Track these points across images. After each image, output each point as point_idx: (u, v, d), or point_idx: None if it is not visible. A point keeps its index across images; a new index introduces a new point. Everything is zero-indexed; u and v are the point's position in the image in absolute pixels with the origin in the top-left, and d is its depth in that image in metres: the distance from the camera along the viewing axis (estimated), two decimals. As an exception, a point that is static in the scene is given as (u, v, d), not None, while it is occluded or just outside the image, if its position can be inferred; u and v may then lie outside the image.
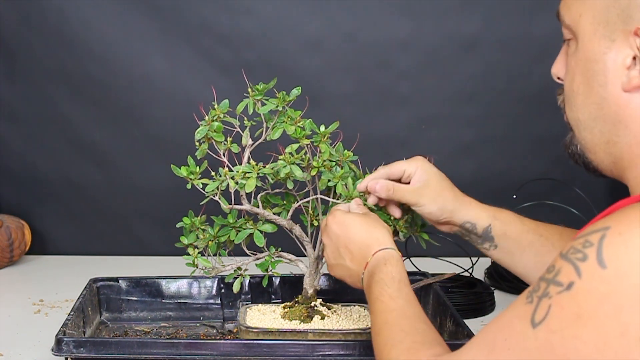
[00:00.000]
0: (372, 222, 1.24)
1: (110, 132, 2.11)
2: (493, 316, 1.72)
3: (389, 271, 1.14)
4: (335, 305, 1.49)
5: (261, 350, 1.32)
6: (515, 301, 0.89)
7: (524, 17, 2.04)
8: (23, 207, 2.15)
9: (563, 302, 0.82)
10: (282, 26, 2.06)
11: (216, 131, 1.35)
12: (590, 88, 0.96)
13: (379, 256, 1.18)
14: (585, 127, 1.00)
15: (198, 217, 1.41)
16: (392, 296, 1.10)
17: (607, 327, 0.79)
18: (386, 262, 1.16)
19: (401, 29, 2.06)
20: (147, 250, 2.14)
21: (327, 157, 1.36)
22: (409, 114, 2.10)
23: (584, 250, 0.82)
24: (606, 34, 0.94)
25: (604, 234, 0.82)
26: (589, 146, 1.01)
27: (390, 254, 1.18)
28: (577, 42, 0.98)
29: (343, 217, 1.25)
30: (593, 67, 0.95)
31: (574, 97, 1.00)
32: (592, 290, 0.80)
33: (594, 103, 0.97)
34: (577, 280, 0.82)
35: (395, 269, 1.15)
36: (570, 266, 0.83)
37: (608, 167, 1.00)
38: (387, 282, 1.12)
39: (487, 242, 1.33)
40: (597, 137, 0.99)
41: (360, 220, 1.24)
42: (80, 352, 1.32)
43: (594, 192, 1.99)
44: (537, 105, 2.08)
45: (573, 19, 0.98)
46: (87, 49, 2.05)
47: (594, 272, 0.81)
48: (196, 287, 1.63)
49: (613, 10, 0.93)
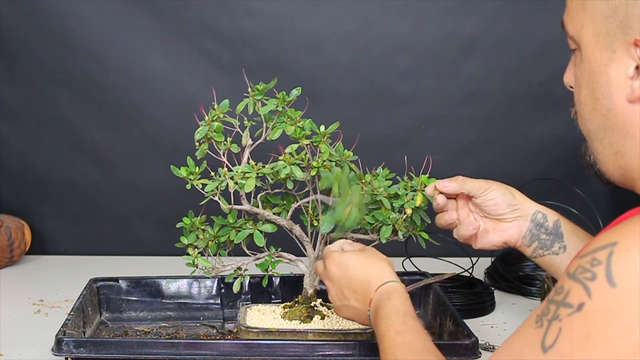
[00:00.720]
0: (369, 257, 1.22)
1: (110, 132, 2.11)
2: (493, 316, 1.72)
3: (393, 305, 1.12)
4: (335, 305, 1.48)
5: (261, 350, 1.32)
6: (524, 326, 0.87)
7: (524, 17, 2.04)
8: (23, 207, 2.15)
9: (574, 324, 0.80)
10: (282, 26, 2.06)
11: (216, 131, 1.35)
12: (595, 100, 0.95)
13: (382, 291, 1.16)
14: (596, 137, 0.98)
15: (198, 217, 1.41)
16: (398, 331, 1.08)
17: (619, 348, 0.78)
18: (389, 296, 1.14)
19: (401, 29, 2.06)
20: (147, 250, 2.14)
21: (327, 157, 1.36)
22: (409, 114, 2.10)
23: (592, 269, 0.81)
24: (607, 45, 0.93)
25: (612, 250, 0.80)
26: (599, 157, 0.99)
27: (393, 287, 1.16)
28: (581, 53, 0.97)
29: (340, 258, 1.23)
30: (597, 78, 0.94)
31: (582, 108, 0.99)
32: (603, 310, 0.79)
33: (601, 114, 0.95)
34: (587, 301, 0.80)
35: (399, 302, 1.13)
36: (579, 286, 0.81)
37: (619, 179, 0.99)
38: (392, 317, 1.10)
39: (557, 241, 1.31)
40: (606, 148, 0.97)
41: (357, 258, 1.22)
42: (80, 352, 1.32)
43: (594, 192, 1.99)
44: (537, 105, 2.08)
45: (576, 29, 0.97)
46: (87, 49, 2.05)
47: (604, 291, 0.79)
48: (196, 287, 1.63)
49: (612, 21, 0.92)
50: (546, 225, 1.32)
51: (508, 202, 1.32)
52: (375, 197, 1.36)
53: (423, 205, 1.37)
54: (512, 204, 1.32)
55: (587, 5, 0.95)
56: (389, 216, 1.35)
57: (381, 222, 1.36)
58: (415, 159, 1.39)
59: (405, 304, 1.13)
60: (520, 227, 1.33)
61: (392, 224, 1.36)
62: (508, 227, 1.33)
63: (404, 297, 1.14)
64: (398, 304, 1.12)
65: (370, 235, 1.39)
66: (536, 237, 1.32)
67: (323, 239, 1.43)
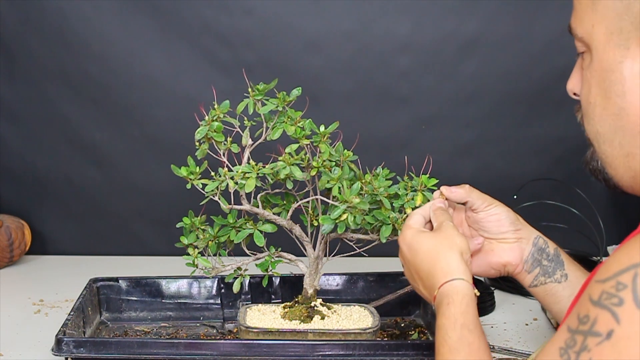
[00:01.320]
0: (440, 244, 1.15)
1: (110, 132, 2.11)
2: (493, 316, 1.72)
3: (451, 314, 1.06)
4: (335, 305, 1.49)
5: (261, 350, 1.32)
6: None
7: (524, 17, 2.04)
8: (23, 207, 2.15)
9: (604, 353, 0.78)
10: (282, 26, 2.06)
11: (216, 131, 1.35)
12: (607, 99, 0.94)
13: (443, 292, 1.10)
14: (605, 139, 0.96)
15: (198, 217, 1.41)
16: (452, 349, 1.03)
17: None
18: (449, 302, 1.08)
19: (401, 29, 2.06)
20: (147, 250, 2.14)
21: (327, 157, 1.36)
22: (409, 114, 2.10)
23: (618, 294, 0.79)
24: (620, 42, 0.92)
25: (636, 272, 0.79)
26: (609, 160, 0.97)
27: (455, 289, 1.09)
28: (591, 54, 0.96)
29: (411, 239, 1.18)
30: (609, 77, 0.94)
31: (592, 109, 0.97)
32: (633, 335, 0.77)
33: (613, 114, 0.94)
34: (616, 327, 0.78)
35: (458, 310, 1.06)
36: (607, 313, 0.79)
37: (628, 183, 0.97)
38: (449, 330, 1.05)
39: (559, 269, 1.27)
40: (616, 150, 0.96)
41: (427, 244, 1.16)
42: (80, 352, 1.32)
43: (594, 192, 1.99)
44: (537, 105, 2.08)
45: (586, 30, 0.96)
46: (87, 49, 2.05)
47: (632, 315, 0.78)
48: (196, 287, 1.63)
49: (626, 18, 0.92)
50: (548, 251, 1.28)
51: (512, 220, 1.28)
52: (375, 197, 1.36)
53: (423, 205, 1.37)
54: (516, 223, 1.28)
55: (598, 5, 0.94)
56: (389, 216, 1.35)
57: (381, 222, 1.36)
58: (415, 159, 1.38)
59: (466, 311, 1.06)
60: (522, 249, 1.28)
61: (392, 224, 1.36)
62: (509, 248, 1.28)
63: (464, 303, 1.07)
64: (457, 312, 1.06)
65: (370, 235, 1.39)
66: (538, 262, 1.28)
67: (323, 239, 1.43)
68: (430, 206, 1.26)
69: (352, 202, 1.31)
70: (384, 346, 1.34)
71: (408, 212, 1.36)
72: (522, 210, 1.88)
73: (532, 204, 1.91)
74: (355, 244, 1.41)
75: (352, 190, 1.32)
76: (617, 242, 1.90)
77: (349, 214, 1.32)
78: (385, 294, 1.61)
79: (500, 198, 1.32)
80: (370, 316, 1.46)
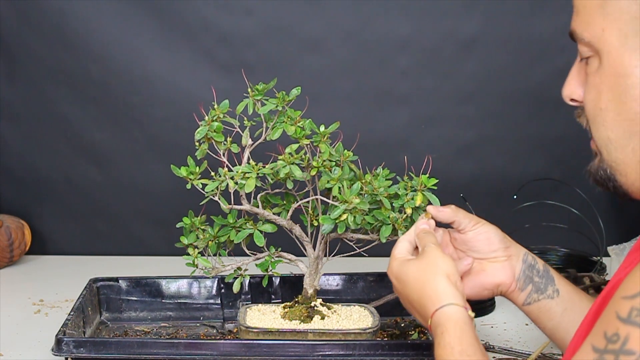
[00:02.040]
0: (422, 273, 1.12)
1: (110, 132, 2.11)
2: (493, 316, 1.72)
3: (446, 343, 1.03)
4: (335, 305, 1.49)
5: (261, 350, 1.32)
6: None
7: (524, 17, 2.04)
8: (23, 207, 2.15)
9: None
10: (282, 26, 2.06)
11: (216, 131, 1.35)
12: (622, 104, 0.92)
13: (435, 322, 1.07)
14: (617, 146, 0.94)
15: (198, 217, 1.41)
16: None
17: None
18: (443, 330, 1.05)
19: (401, 29, 2.05)
20: (147, 250, 2.14)
21: (327, 157, 1.36)
22: (409, 114, 2.10)
23: None
24: (635, 46, 0.90)
25: None
26: (620, 167, 0.94)
27: (446, 316, 1.06)
28: (600, 58, 0.93)
29: (398, 270, 1.16)
30: (624, 81, 0.91)
31: (603, 116, 0.94)
32: None
33: (628, 119, 0.92)
34: None
35: (454, 337, 1.03)
36: (638, 330, 0.78)
37: (639, 190, 0.95)
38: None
39: (550, 285, 1.24)
40: (629, 156, 0.93)
41: (413, 273, 1.13)
42: (80, 352, 1.32)
43: (594, 192, 1.99)
44: (537, 105, 2.08)
45: (594, 34, 0.93)
46: (87, 49, 2.05)
47: None
48: (196, 287, 1.63)
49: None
50: (537, 268, 1.25)
51: (501, 238, 1.25)
52: (375, 197, 1.36)
53: (423, 205, 1.37)
54: (505, 240, 1.25)
55: (608, 8, 0.92)
56: (389, 216, 1.35)
57: (381, 222, 1.36)
58: (415, 159, 1.38)
59: (461, 337, 1.03)
60: (513, 267, 1.25)
61: (392, 224, 1.36)
62: (501, 267, 1.25)
63: (459, 329, 1.04)
64: (453, 340, 1.03)
65: (370, 235, 1.39)
66: (530, 279, 1.25)
67: (323, 239, 1.43)
68: (414, 229, 1.23)
69: (352, 202, 1.31)
70: (384, 346, 1.34)
71: (408, 212, 1.36)
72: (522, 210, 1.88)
73: (532, 204, 1.91)
74: (355, 244, 1.41)
75: (352, 190, 1.32)
76: (617, 242, 1.90)
77: (349, 214, 1.32)
78: (385, 294, 1.61)
79: (500, 198, 1.32)
80: (370, 316, 1.46)
